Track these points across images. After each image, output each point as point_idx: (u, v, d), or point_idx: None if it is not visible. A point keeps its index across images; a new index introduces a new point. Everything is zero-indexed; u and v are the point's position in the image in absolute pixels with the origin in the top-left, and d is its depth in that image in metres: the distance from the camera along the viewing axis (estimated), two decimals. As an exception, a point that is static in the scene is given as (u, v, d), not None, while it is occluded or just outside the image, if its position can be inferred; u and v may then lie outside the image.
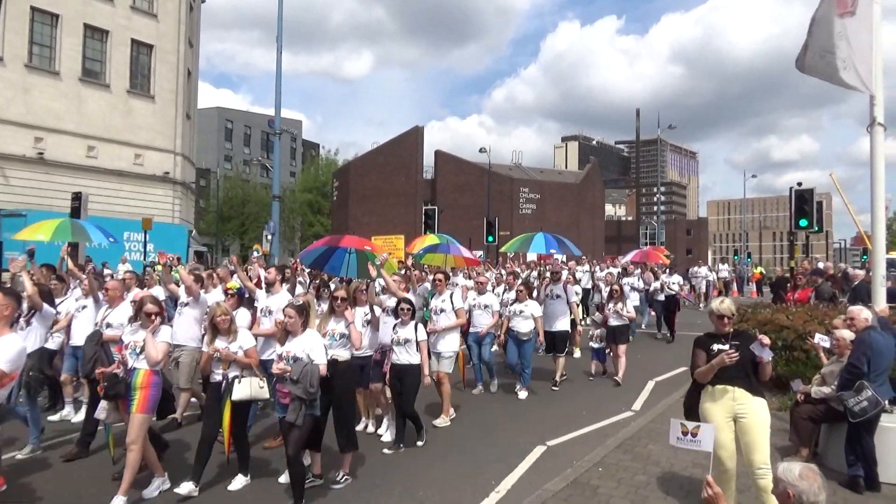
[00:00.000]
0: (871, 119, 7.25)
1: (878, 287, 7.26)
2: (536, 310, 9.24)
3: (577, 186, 52.06)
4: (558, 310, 9.98)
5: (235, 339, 5.64)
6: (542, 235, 10.98)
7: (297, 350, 5.20)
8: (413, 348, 6.65)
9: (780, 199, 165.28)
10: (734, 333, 4.89)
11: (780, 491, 2.89)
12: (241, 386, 5.46)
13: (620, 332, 10.50)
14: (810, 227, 15.52)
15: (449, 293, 8.23)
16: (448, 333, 7.91)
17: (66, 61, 28.13)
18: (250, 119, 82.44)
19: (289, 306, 5.49)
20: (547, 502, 5.14)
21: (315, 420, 5.22)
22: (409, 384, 6.62)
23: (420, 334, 6.66)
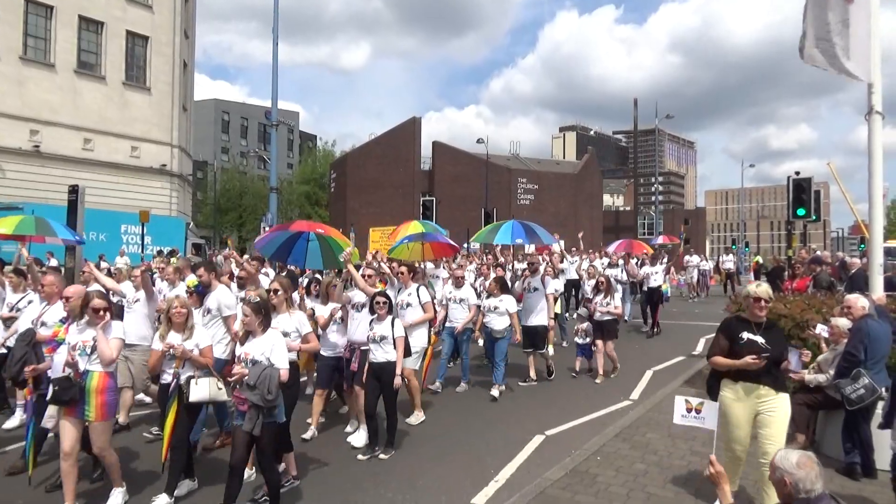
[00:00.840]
0: (869, 107, 7.24)
1: (876, 275, 7.28)
2: (512, 305, 8.74)
3: (575, 177, 52.01)
4: (537, 303, 9.39)
5: (191, 337, 5.22)
6: (510, 224, 10.39)
7: (256, 352, 4.81)
8: (390, 345, 6.21)
9: (778, 189, 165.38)
10: (767, 325, 4.64)
11: (777, 478, 2.92)
12: (198, 387, 5.05)
13: (608, 327, 9.81)
14: (808, 216, 15.55)
15: (416, 286, 7.84)
16: (416, 329, 7.44)
17: (61, 53, 28.00)
18: (247, 111, 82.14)
19: (246, 304, 5.05)
20: (546, 491, 5.16)
21: (279, 427, 4.91)
22: (390, 383, 6.18)
23: (397, 330, 6.22)
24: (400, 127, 46.79)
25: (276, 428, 4.83)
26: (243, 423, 4.65)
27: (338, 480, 5.67)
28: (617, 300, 10.06)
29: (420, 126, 46.80)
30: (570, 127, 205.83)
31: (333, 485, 5.57)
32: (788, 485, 2.85)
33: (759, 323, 4.59)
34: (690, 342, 13.24)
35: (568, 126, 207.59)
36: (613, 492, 5.18)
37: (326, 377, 6.87)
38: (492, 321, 8.70)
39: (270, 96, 21.74)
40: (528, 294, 9.46)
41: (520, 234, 10.14)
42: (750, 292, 4.67)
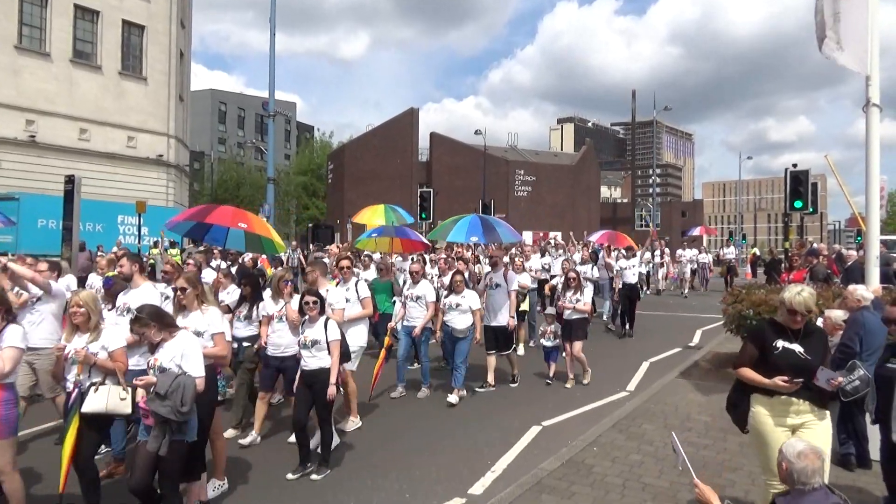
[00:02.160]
0: (866, 100, 7.25)
1: (872, 267, 7.31)
2: (475, 302, 8.09)
3: (573, 168, 52.00)
4: (500, 301, 8.69)
5: (97, 338, 4.55)
6: (468, 220, 9.50)
7: (165, 358, 4.25)
8: (324, 350, 5.52)
9: (776, 181, 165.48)
10: (806, 330, 4.05)
11: (778, 461, 2.98)
12: (96, 395, 4.34)
13: (577, 326, 8.94)
14: (805, 208, 15.61)
15: (354, 281, 7.29)
16: (353, 326, 6.86)
17: (57, 42, 27.85)
18: (244, 101, 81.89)
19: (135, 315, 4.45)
20: (542, 481, 5.19)
21: (190, 447, 4.31)
22: (323, 393, 5.46)
23: (332, 333, 5.53)
24: (398, 118, 46.69)
25: (185, 448, 4.24)
26: (147, 440, 4.12)
27: (335, 470, 5.68)
28: (587, 297, 9.15)
29: (418, 117, 46.72)
30: (568, 119, 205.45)
31: (329, 474, 5.58)
32: (785, 471, 2.90)
33: (797, 329, 4.03)
34: (687, 334, 13.29)
35: (566, 118, 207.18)
36: (609, 482, 5.21)
37: (270, 379, 6.34)
38: (453, 319, 8.03)
39: (268, 86, 21.65)
40: (490, 291, 8.85)
41: (476, 232, 9.27)
42: (785, 300, 4.03)
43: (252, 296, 6.93)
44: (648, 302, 19.77)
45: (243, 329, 6.85)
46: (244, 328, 6.86)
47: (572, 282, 9.13)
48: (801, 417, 3.95)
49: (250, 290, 6.97)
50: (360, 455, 6.10)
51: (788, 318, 4.03)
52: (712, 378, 8.85)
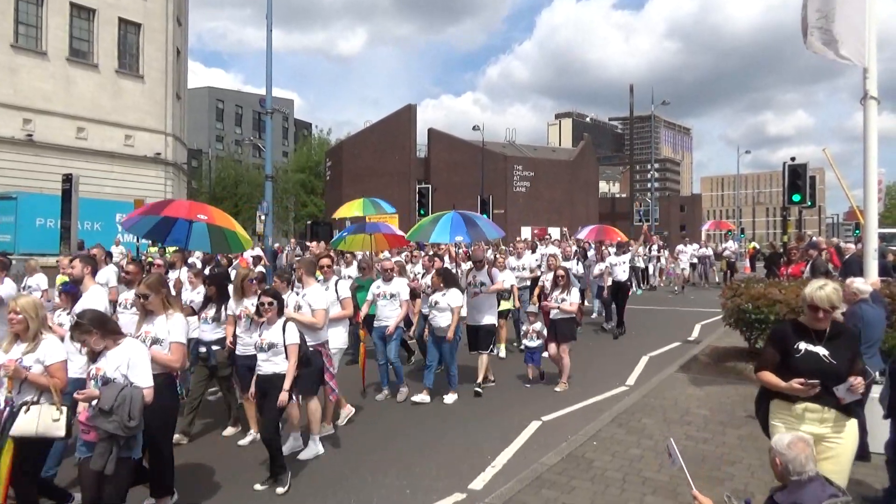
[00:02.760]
0: (863, 92, 7.24)
1: (870, 260, 7.31)
2: (456, 299, 7.76)
3: (571, 164, 51.98)
4: (483, 300, 8.40)
5: (35, 350, 4.11)
6: (449, 217, 8.90)
7: (109, 367, 3.93)
8: (281, 355, 5.20)
9: (774, 175, 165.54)
10: (832, 332, 3.70)
11: (771, 458, 2.97)
12: (25, 417, 3.91)
13: (564, 327, 8.48)
14: (803, 201, 15.61)
15: (334, 281, 7.07)
16: (332, 327, 6.66)
17: (53, 41, 27.78)
18: (241, 98, 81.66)
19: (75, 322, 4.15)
20: (542, 476, 5.20)
21: (136, 464, 4.06)
22: (275, 400, 5.10)
23: (290, 336, 5.21)
24: (395, 114, 46.63)
25: (132, 465, 3.94)
26: (91, 457, 3.78)
27: (335, 466, 5.70)
28: (574, 296, 8.61)
29: (415, 113, 46.66)
30: (566, 114, 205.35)
31: (330, 471, 5.59)
32: (780, 465, 2.90)
33: (822, 330, 3.69)
34: (686, 328, 13.30)
35: (564, 113, 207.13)
36: (609, 476, 5.22)
37: (247, 379, 5.93)
38: (437, 318, 7.80)
39: (265, 84, 21.59)
40: (473, 289, 8.50)
41: (459, 230, 8.69)
42: (806, 296, 3.74)
43: (218, 297, 6.59)
44: (647, 296, 19.80)
45: (210, 332, 6.50)
46: (211, 331, 6.51)
47: (560, 280, 8.64)
48: (827, 425, 3.61)
49: (216, 292, 6.62)
50: (360, 452, 6.11)
51: (811, 317, 3.73)
52: (711, 372, 8.86)
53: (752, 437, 5.98)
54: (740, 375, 8.58)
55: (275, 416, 5.18)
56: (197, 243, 7.17)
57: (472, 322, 8.39)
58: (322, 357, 6.14)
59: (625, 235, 16.84)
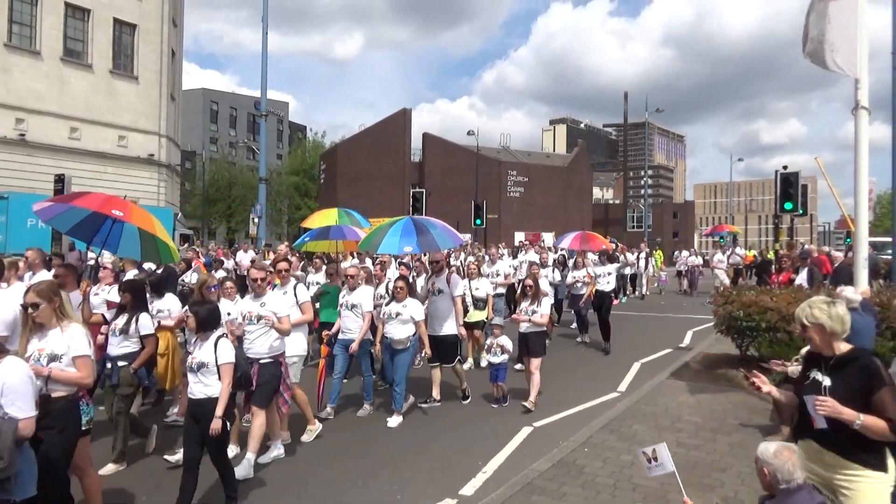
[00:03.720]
0: (855, 103, 7.30)
1: (860, 269, 7.36)
2: (417, 311, 7.31)
3: (565, 170, 52.13)
4: (443, 309, 7.92)
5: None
6: (400, 226, 8.03)
7: None
8: (212, 375, 4.67)
9: (766, 183, 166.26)
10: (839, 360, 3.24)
11: (758, 469, 2.96)
12: None
13: (535, 340, 7.88)
14: (795, 209, 15.71)
15: (293, 283, 6.71)
16: (291, 333, 6.18)
17: (47, 41, 27.63)
18: (236, 101, 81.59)
19: None
20: (533, 482, 5.20)
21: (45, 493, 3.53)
22: (208, 427, 4.56)
23: (223, 355, 4.67)
24: (390, 118, 46.69)
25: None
26: None
27: (326, 471, 5.68)
28: (544, 307, 7.95)
29: (410, 117, 46.76)
30: (561, 120, 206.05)
31: (321, 476, 5.58)
32: (768, 475, 2.88)
33: (828, 357, 3.29)
34: (678, 335, 13.34)
35: (558, 119, 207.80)
36: (600, 483, 5.22)
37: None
38: (392, 330, 7.26)
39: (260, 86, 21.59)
40: (433, 298, 8.01)
41: (409, 240, 7.81)
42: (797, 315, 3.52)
43: (133, 305, 5.91)
44: (639, 303, 19.86)
45: (117, 346, 5.79)
46: (118, 345, 5.79)
47: (528, 290, 8.03)
48: (832, 472, 3.12)
49: (130, 299, 5.94)
50: (350, 457, 6.09)
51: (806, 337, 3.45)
52: (703, 379, 8.89)
53: (742, 445, 6.00)
54: (731, 382, 8.61)
55: (215, 447, 4.67)
56: (126, 249, 6.48)
57: (432, 332, 7.78)
58: (281, 367, 5.83)
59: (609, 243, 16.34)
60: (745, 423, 6.84)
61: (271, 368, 5.72)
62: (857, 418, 2.95)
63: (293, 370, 6.32)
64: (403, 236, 7.86)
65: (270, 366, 5.72)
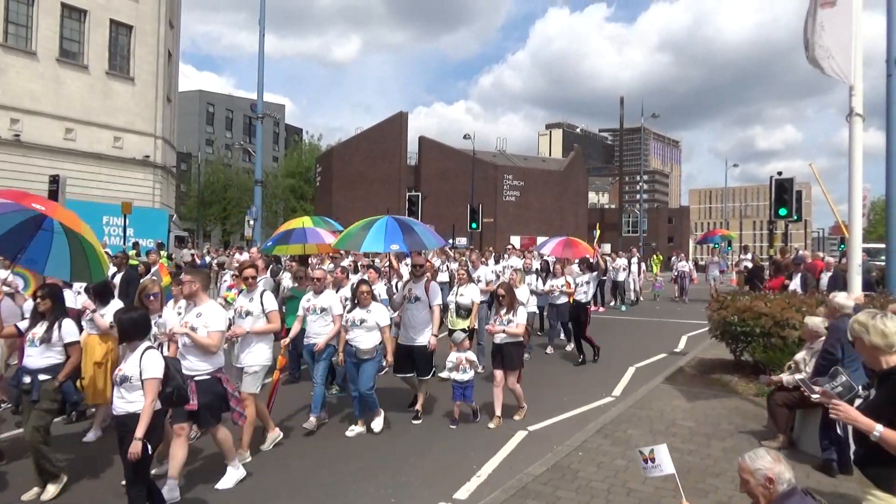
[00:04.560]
0: (849, 109, 7.35)
1: (854, 275, 7.39)
2: (383, 317, 6.85)
3: (561, 174, 52.25)
4: (420, 318, 7.42)
5: None
6: (383, 224, 7.72)
7: None
8: (136, 391, 4.24)
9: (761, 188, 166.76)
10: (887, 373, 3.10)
11: (759, 480, 2.87)
12: None
13: (511, 352, 7.26)
14: (789, 215, 15.79)
15: (261, 290, 6.34)
16: (255, 342, 6.04)
17: (43, 41, 27.58)
18: (232, 103, 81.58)
19: None
20: (528, 486, 5.19)
21: None
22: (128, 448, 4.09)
23: (147, 369, 4.23)
24: (387, 121, 46.75)
25: None
26: None
27: (320, 475, 5.66)
28: (520, 316, 7.36)
29: (407, 121, 46.83)
30: (557, 124, 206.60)
31: (316, 479, 5.56)
32: (774, 481, 2.83)
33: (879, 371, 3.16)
34: (673, 339, 13.35)
35: (554, 123, 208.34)
36: (594, 487, 5.22)
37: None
38: (357, 338, 6.78)
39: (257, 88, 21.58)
40: (409, 305, 7.52)
41: (395, 238, 7.49)
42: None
43: (53, 312, 5.45)
44: (633, 308, 19.89)
45: (39, 357, 5.30)
46: (39, 355, 5.30)
47: (502, 299, 7.43)
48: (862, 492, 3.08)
49: (50, 306, 5.46)
50: (345, 460, 6.08)
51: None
52: (697, 384, 8.90)
53: (736, 450, 6.00)
54: (726, 387, 8.62)
55: (131, 470, 4.15)
56: (55, 267, 5.59)
57: (405, 341, 7.46)
58: (222, 383, 5.35)
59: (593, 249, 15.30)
60: (740, 429, 6.85)
61: (209, 386, 5.20)
62: (874, 429, 2.86)
63: (254, 379, 5.97)
64: (389, 234, 7.53)
65: (208, 383, 5.20)
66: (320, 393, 7.04)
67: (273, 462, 5.92)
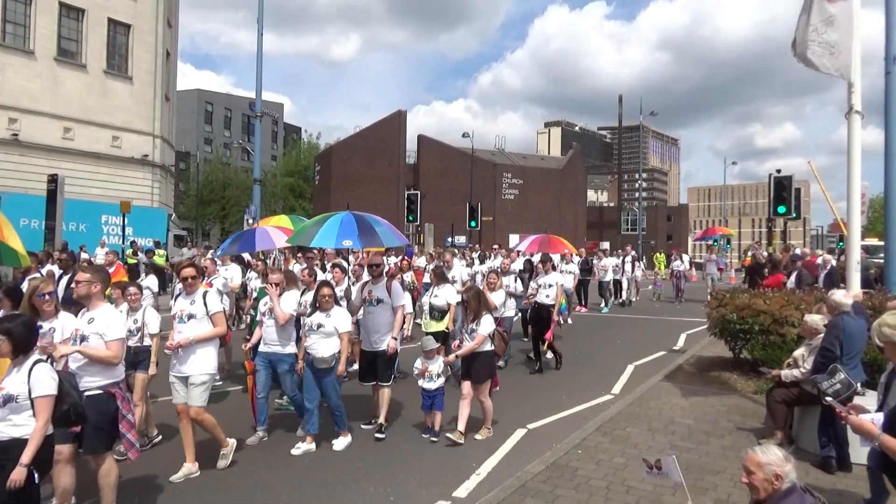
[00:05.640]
0: (848, 106, 7.35)
1: (853, 272, 7.40)
2: (343, 323, 6.27)
3: (560, 172, 52.27)
4: (383, 321, 6.88)
5: None
6: (339, 219, 7.30)
7: None
8: (23, 412, 3.60)
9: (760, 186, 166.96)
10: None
11: (765, 475, 2.89)
12: None
13: (478, 363, 6.61)
14: (788, 213, 15.81)
15: (202, 292, 5.71)
16: (200, 349, 5.51)
17: (41, 40, 27.55)
18: (230, 101, 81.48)
19: None
20: (527, 484, 5.19)
21: None
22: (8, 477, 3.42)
23: (37, 386, 3.61)
24: (385, 120, 46.72)
25: None
26: None
27: (320, 475, 5.66)
28: (484, 326, 6.59)
29: (405, 119, 46.80)
30: (556, 122, 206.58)
31: (314, 479, 5.56)
32: (781, 478, 2.84)
33: None
34: (672, 337, 13.36)
35: (553, 121, 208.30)
36: (593, 485, 5.22)
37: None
38: (315, 345, 6.16)
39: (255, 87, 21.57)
40: (370, 308, 6.97)
41: (349, 234, 7.08)
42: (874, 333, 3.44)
43: None
44: (633, 306, 19.89)
45: None
46: None
47: (468, 305, 6.78)
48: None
49: None
50: (343, 459, 6.07)
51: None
52: (696, 382, 8.91)
53: (735, 448, 6.02)
54: (725, 385, 8.63)
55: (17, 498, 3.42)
56: None
57: (368, 347, 6.96)
58: (116, 401, 4.64)
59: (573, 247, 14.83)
60: (738, 426, 6.86)
61: (99, 403, 4.47)
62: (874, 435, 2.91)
63: (201, 392, 5.42)
64: (343, 230, 7.10)
65: (97, 400, 4.48)
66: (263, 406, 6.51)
67: (273, 461, 5.91)
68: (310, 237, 7.36)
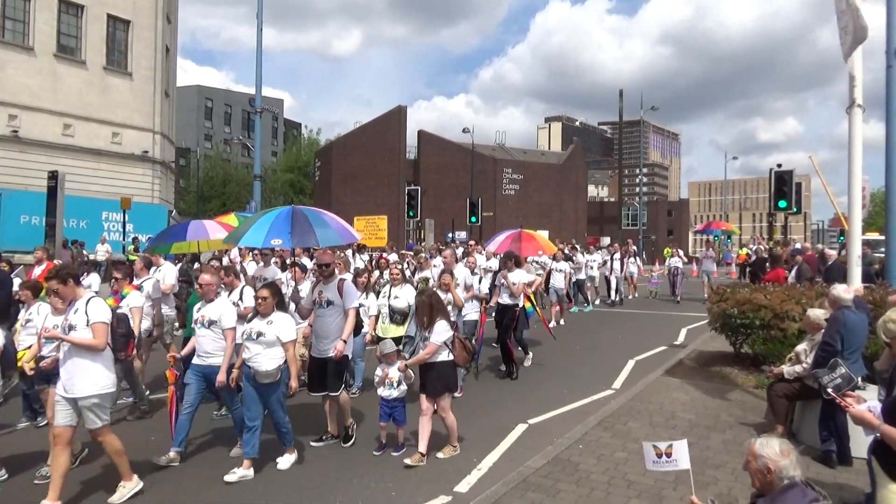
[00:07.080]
0: (850, 101, 7.33)
1: (854, 266, 7.39)
2: (286, 331, 5.58)
3: (560, 167, 52.22)
4: (334, 325, 6.19)
5: None
6: (273, 216, 6.69)
7: None
8: None
9: (761, 181, 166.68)
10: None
11: (758, 466, 2.93)
12: None
13: (433, 375, 5.88)
14: (789, 208, 15.81)
15: (85, 299, 4.91)
16: (87, 364, 4.76)
17: (40, 37, 27.51)
18: (230, 97, 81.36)
19: None
20: (528, 479, 5.20)
21: None
22: None
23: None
24: (386, 116, 46.62)
25: None
26: None
27: (320, 468, 5.67)
28: (438, 333, 5.84)
29: (406, 115, 46.70)
30: (556, 117, 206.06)
31: (315, 474, 5.57)
32: (773, 472, 2.86)
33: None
34: (672, 332, 13.36)
35: (554, 116, 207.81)
36: (594, 479, 5.23)
37: None
38: (257, 357, 5.50)
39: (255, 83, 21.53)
40: (320, 310, 6.28)
41: (280, 233, 6.40)
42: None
43: None
44: (633, 301, 19.87)
45: None
46: None
47: (418, 310, 6.12)
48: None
49: None
50: (345, 454, 6.09)
51: None
52: (697, 376, 8.91)
53: (736, 442, 6.02)
54: (725, 380, 8.63)
55: None
56: None
57: (318, 354, 6.27)
58: None
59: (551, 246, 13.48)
60: (739, 420, 6.87)
61: None
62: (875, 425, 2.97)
63: (96, 413, 4.75)
64: (274, 228, 6.46)
65: None
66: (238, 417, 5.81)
67: (274, 456, 5.92)
68: (238, 237, 6.79)
